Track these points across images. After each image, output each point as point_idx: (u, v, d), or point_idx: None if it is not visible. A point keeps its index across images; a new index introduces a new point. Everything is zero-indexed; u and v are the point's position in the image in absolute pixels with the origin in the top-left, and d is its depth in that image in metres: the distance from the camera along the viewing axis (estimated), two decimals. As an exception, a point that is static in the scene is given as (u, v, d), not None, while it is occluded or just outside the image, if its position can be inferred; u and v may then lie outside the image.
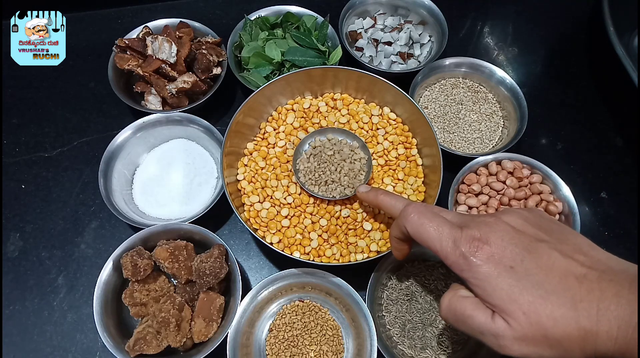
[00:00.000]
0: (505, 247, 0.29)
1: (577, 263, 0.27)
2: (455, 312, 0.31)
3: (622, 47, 0.60)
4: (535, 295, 0.27)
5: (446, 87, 0.67)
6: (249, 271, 0.57)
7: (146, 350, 0.45)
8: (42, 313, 0.54)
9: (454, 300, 0.31)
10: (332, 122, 0.58)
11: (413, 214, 0.34)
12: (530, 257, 0.28)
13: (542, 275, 0.27)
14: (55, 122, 0.65)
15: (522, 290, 0.27)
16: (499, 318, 0.28)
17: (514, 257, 0.28)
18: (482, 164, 0.57)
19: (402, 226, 0.35)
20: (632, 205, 0.61)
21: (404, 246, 0.40)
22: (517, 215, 0.31)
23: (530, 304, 0.27)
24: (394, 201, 0.41)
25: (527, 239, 0.29)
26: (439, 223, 0.32)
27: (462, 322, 0.30)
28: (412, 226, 0.34)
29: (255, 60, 0.63)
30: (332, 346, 0.50)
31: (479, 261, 0.29)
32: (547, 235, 0.30)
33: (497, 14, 0.79)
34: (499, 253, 0.29)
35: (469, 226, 0.31)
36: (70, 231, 0.58)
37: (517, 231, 0.30)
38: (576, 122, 0.68)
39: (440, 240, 0.31)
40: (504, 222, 0.30)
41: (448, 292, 0.32)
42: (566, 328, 0.26)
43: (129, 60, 0.61)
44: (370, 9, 0.71)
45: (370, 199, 0.45)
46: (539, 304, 0.26)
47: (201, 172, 0.59)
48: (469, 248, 0.29)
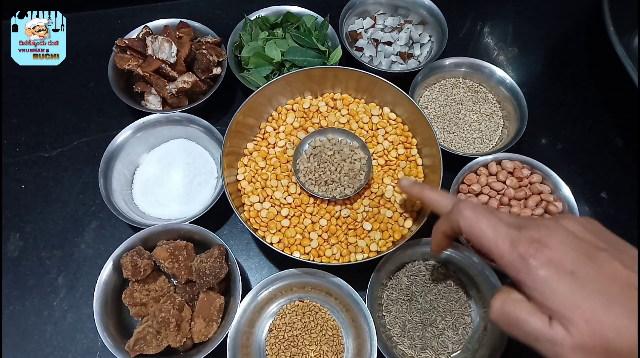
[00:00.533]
0: (566, 251, 0.28)
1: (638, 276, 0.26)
2: (508, 316, 0.29)
3: (622, 47, 0.60)
4: (598, 303, 0.25)
5: (446, 87, 0.67)
6: (249, 271, 0.57)
7: (146, 350, 0.45)
8: (42, 313, 0.54)
9: (508, 303, 0.29)
10: (332, 122, 0.58)
11: (468, 211, 0.33)
12: (591, 264, 0.27)
13: (605, 283, 0.26)
14: (55, 122, 0.65)
15: (584, 296, 0.26)
16: (557, 324, 0.26)
17: (575, 262, 0.27)
18: (482, 164, 0.57)
19: (454, 222, 0.34)
20: (632, 205, 0.61)
21: (447, 242, 0.39)
22: (575, 221, 0.30)
23: (593, 311, 0.25)
24: (440, 197, 0.40)
25: (588, 246, 0.28)
26: (495, 221, 0.31)
27: (516, 326, 0.29)
28: (467, 223, 0.33)
29: (255, 60, 0.63)
30: (332, 346, 0.50)
31: (538, 264, 0.27)
32: (606, 243, 0.29)
33: (497, 14, 0.79)
34: (560, 256, 0.27)
35: (527, 227, 0.30)
36: (70, 231, 0.58)
37: (576, 237, 0.29)
38: (576, 122, 0.68)
39: (496, 239, 0.30)
40: (563, 226, 0.29)
41: (499, 295, 0.31)
42: (630, 340, 0.24)
43: (129, 60, 0.61)
44: (370, 9, 0.71)
45: (415, 193, 0.45)
46: (602, 313, 0.25)
47: (201, 172, 0.59)
48: (527, 249, 0.28)
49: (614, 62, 0.60)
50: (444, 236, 0.38)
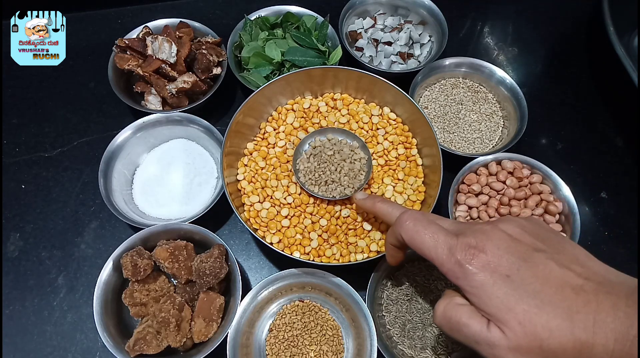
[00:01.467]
0: (501, 255, 0.28)
1: (574, 274, 0.27)
2: (450, 320, 0.30)
3: (622, 47, 0.60)
4: (531, 305, 0.26)
5: (446, 87, 0.67)
6: (249, 271, 0.57)
7: (146, 350, 0.45)
8: (42, 313, 0.54)
9: (449, 308, 0.31)
10: (332, 122, 0.58)
11: (408, 222, 0.34)
12: (526, 266, 0.28)
13: (538, 284, 0.27)
14: (55, 122, 0.65)
15: (518, 299, 0.27)
16: (494, 327, 0.28)
17: (510, 266, 0.28)
18: (482, 164, 0.57)
19: (397, 234, 0.35)
20: (632, 205, 0.61)
21: (399, 254, 0.40)
22: (514, 223, 0.31)
23: (526, 313, 0.26)
24: (390, 208, 0.41)
25: (524, 248, 0.29)
26: (434, 230, 0.32)
27: (457, 330, 0.30)
28: (407, 234, 0.33)
29: (255, 60, 0.63)
30: (332, 346, 0.50)
31: (475, 269, 0.28)
32: (545, 244, 0.29)
33: (497, 14, 0.79)
34: (495, 261, 0.28)
35: (464, 233, 0.31)
36: (70, 231, 0.58)
37: (513, 240, 0.29)
38: (576, 122, 0.68)
39: (435, 248, 0.31)
40: (500, 230, 0.30)
41: (443, 299, 0.32)
42: (562, 339, 0.25)
43: (129, 60, 0.61)
44: (370, 9, 0.71)
45: (367, 207, 0.45)
46: (534, 314, 0.26)
47: (201, 172, 0.59)
48: (464, 255, 0.29)
49: (614, 62, 0.60)
50: (394, 248, 0.39)
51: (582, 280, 0.27)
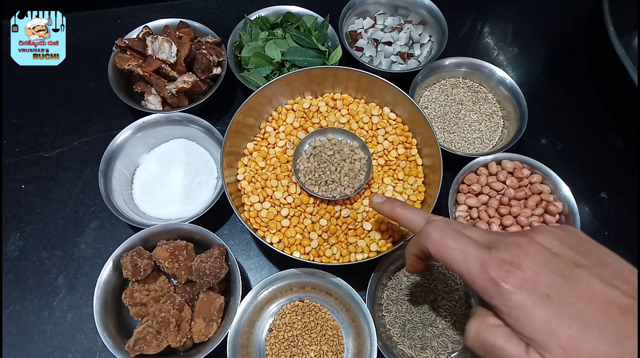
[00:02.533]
0: (539, 272, 0.26)
1: (620, 292, 0.24)
2: (483, 343, 0.28)
3: (622, 47, 0.60)
4: (575, 328, 0.24)
5: (446, 87, 0.67)
6: (249, 271, 0.57)
7: (146, 350, 0.45)
8: (42, 313, 0.54)
9: (483, 330, 0.28)
10: (332, 122, 0.58)
11: (435, 234, 0.31)
12: (567, 284, 0.25)
13: (582, 305, 0.24)
14: (55, 122, 0.65)
15: (560, 322, 0.24)
16: (534, 352, 0.25)
17: (550, 284, 0.25)
18: (482, 164, 0.57)
19: (422, 246, 0.32)
20: (632, 205, 0.61)
21: (421, 265, 0.38)
22: (551, 235, 0.28)
23: (570, 338, 0.24)
24: (412, 214, 0.38)
25: (564, 263, 0.26)
26: (463, 243, 0.29)
27: (492, 353, 0.27)
28: (434, 247, 0.31)
29: (255, 60, 0.63)
30: (332, 346, 0.50)
31: (511, 288, 0.26)
32: (585, 258, 0.27)
33: (497, 14, 0.79)
34: (533, 279, 0.26)
35: (497, 247, 0.28)
36: (70, 231, 0.58)
37: (552, 254, 0.27)
38: (576, 122, 0.68)
39: (466, 263, 0.28)
40: (537, 243, 0.28)
41: (475, 319, 0.29)
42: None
43: (129, 60, 0.61)
44: (370, 9, 0.71)
45: (386, 212, 0.42)
46: (579, 338, 0.24)
47: (201, 172, 0.59)
48: (499, 272, 0.27)
49: (614, 62, 0.60)
50: (416, 259, 0.36)
51: (630, 300, 0.24)
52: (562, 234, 0.28)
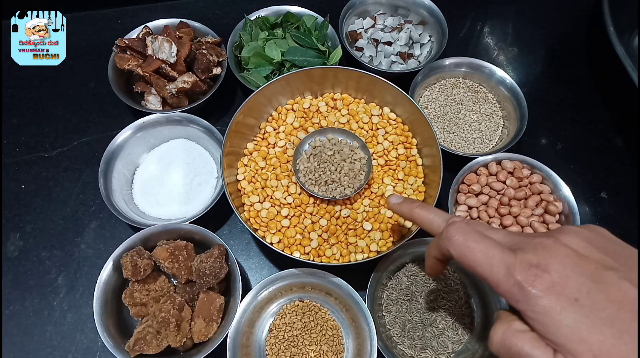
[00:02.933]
0: (567, 275, 0.25)
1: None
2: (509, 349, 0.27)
3: (622, 47, 0.60)
4: (607, 335, 0.23)
5: (446, 87, 0.67)
6: (249, 271, 0.57)
7: (146, 350, 0.45)
8: (42, 313, 0.54)
9: (509, 335, 0.27)
10: (332, 122, 0.58)
11: (457, 236, 0.30)
12: (597, 288, 0.24)
13: (613, 310, 0.23)
14: (55, 122, 0.65)
15: (590, 328, 0.23)
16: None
17: (578, 288, 0.24)
18: (482, 164, 0.57)
19: (444, 249, 0.31)
20: (632, 205, 0.61)
21: (441, 267, 0.36)
22: (578, 236, 0.27)
23: (602, 345, 0.23)
24: (432, 215, 0.37)
25: (593, 266, 0.25)
26: (487, 246, 0.28)
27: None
28: (457, 250, 0.30)
29: (255, 60, 0.63)
30: (332, 346, 0.50)
31: (538, 292, 0.25)
32: (614, 260, 0.26)
33: (497, 14, 0.79)
34: (561, 282, 0.25)
35: (523, 249, 0.27)
36: (70, 231, 0.58)
37: (580, 256, 0.26)
38: (576, 122, 0.68)
39: (490, 266, 0.27)
40: (564, 245, 0.27)
41: (500, 324, 0.28)
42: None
43: (129, 60, 0.61)
44: (370, 9, 0.71)
45: (404, 213, 0.41)
46: (612, 345, 0.23)
47: (201, 172, 0.59)
48: (525, 276, 0.26)
49: (614, 62, 0.60)
50: (437, 261, 0.35)
51: None
52: (589, 234, 0.27)
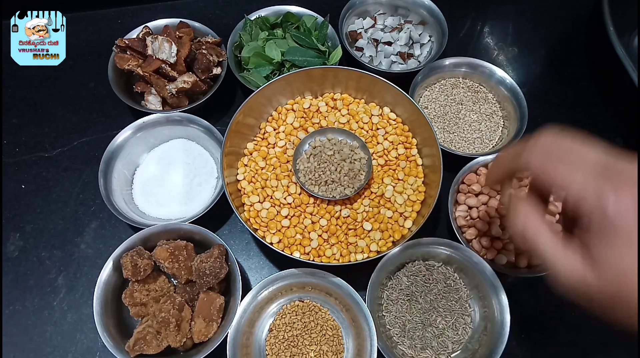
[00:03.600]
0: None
1: None
2: (528, 240, 0.29)
3: (622, 47, 0.60)
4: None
5: (446, 87, 0.67)
6: (249, 271, 0.57)
7: (146, 350, 0.45)
8: (42, 313, 0.54)
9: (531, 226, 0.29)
10: (332, 122, 0.58)
11: (540, 157, 0.30)
12: None
13: None
14: (55, 122, 0.65)
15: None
16: (589, 269, 0.26)
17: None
18: (482, 164, 0.57)
19: (523, 164, 0.31)
20: (632, 205, 0.61)
21: (507, 179, 0.36)
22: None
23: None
24: (513, 150, 0.34)
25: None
26: (578, 165, 0.29)
27: (533, 249, 0.29)
28: (542, 169, 0.30)
29: (255, 60, 0.63)
30: (332, 346, 0.50)
31: (624, 230, 0.25)
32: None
33: (497, 14, 0.79)
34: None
35: (618, 174, 0.28)
36: (70, 231, 0.58)
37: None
38: (576, 122, 0.68)
39: (581, 190, 0.28)
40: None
41: (523, 208, 0.30)
42: None
43: (129, 60, 0.61)
44: (370, 9, 0.71)
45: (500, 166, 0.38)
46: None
47: (201, 172, 0.59)
48: (616, 208, 0.26)
49: (614, 62, 0.60)
50: (505, 173, 0.35)
51: None
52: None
